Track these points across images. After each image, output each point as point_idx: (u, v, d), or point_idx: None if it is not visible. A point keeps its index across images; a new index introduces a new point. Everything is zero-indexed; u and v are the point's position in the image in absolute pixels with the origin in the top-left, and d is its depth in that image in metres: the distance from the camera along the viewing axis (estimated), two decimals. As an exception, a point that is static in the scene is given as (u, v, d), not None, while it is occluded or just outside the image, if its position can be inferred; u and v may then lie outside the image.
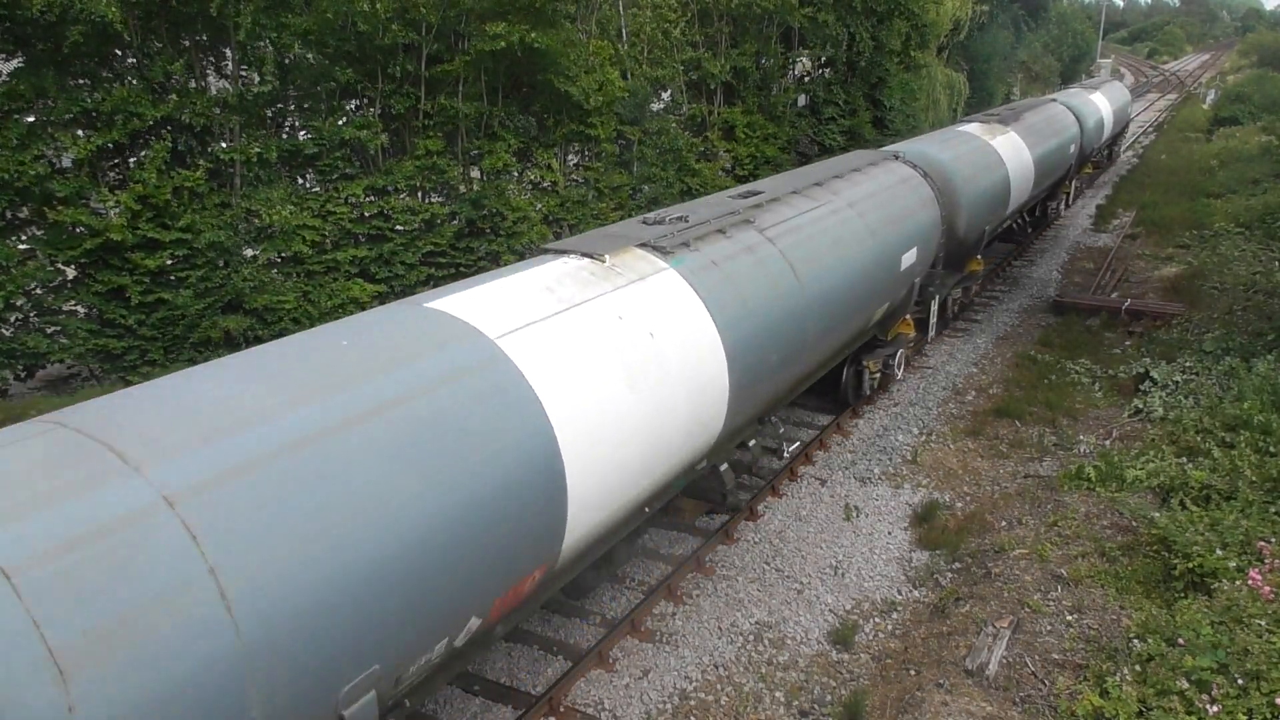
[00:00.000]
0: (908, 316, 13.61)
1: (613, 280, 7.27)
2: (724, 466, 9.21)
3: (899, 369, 14.12)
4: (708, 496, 9.64)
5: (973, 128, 17.63)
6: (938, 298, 15.12)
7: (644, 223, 8.85)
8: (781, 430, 10.40)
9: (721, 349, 7.78)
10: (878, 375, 13.39)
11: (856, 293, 10.58)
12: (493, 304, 6.35)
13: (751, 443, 9.71)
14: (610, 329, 6.78)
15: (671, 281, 7.73)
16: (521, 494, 5.56)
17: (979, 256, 17.14)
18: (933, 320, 15.31)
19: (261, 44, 13.41)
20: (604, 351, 6.58)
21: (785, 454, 10.62)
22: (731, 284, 8.24)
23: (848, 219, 10.81)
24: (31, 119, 11.74)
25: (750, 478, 10.70)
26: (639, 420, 6.74)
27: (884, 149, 15.03)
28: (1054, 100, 25.21)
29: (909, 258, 12.23)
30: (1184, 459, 10.51)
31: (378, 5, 13.35)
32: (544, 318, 6.45)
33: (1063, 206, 27.27)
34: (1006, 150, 17.33)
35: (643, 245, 7.95)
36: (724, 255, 8.50)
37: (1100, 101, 29.57)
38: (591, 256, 7.51)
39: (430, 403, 5.24)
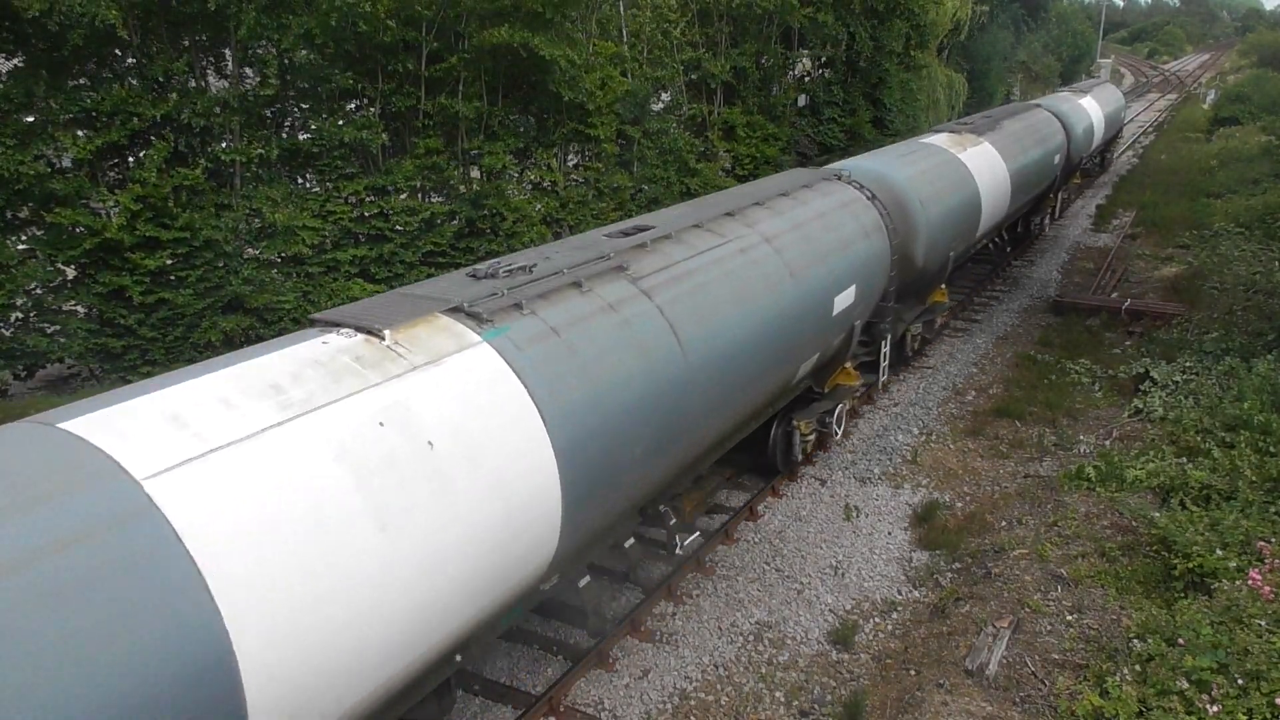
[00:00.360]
0: (848, 365, 11.81)
1: (385, 368, 5.38)
2: (584, 581, 7.58)
3: (839, 426, 11.64)
4: (569, 619, 8.32)
5: (940, 139, 15.88)
6: (890, 336, 13.20)
7: (473, 276, 6.87)
8: (673, 521, 8.51)
9: (549, 449, 5.90)
10: (812, 437, 11.30)
11: (769, 350, 8.75)
12: (166, 418, 4.42)
13: (629, 542, 8.05)
14: (360, 444, 4.86)
15: (482, 362, 5.82)
16: None
17: (944, 286, 15.53)
18: (884, 364, 13.43)
19: (262, 45, 13.41)
20: (342, 482, 4.66)
21: (679, 548, 8.64)
22: (575, 358, 6.38)
23: (761, 258, 8.95)
24: (31, 119, 11.73)
25: (630, 584, 9.07)
26: (399, 576, 4.83)
27: (828, 167, 13.21)
28: (1038, 106, 23.44)
29: (845, 298, 10.36)
30: (1184, 459, 10.51)
31: (378, 5, 13.35)
32: (241, 438, 4.46)
33: (1048, 221, 25.42)
34: (978, 164, 15.73)
35: (452, 311, 6.08)
36: (572, 318, 6.63)
37: (1090, 106, 28.16)
38: (369, 332, 5.64)
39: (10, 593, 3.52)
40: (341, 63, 14.06)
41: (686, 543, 8.65)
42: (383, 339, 5.61)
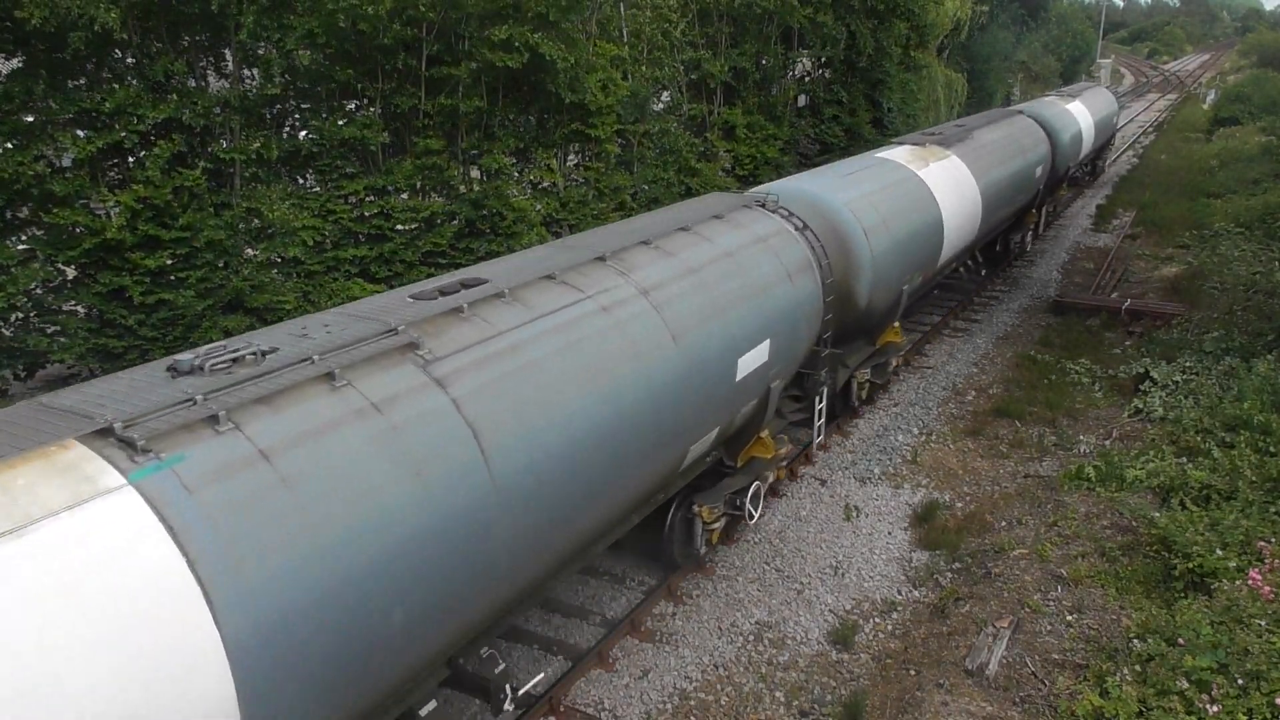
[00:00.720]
0: (764, 435, 9.75)
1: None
2: None
3: (755, 508, 9.51)
4: None
5: (899, 153, 14.06)
6: (827, 388, 11.36)
7: (173, 370, 5.01)
8: (499, 668, 6.50)
9: (218, 648, 4.05)
10: (718, 524, 9.37)
11: (636, 438, 6.85)
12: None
13: (428, 707, 6.07)
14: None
15: (114, 520, 3.93)
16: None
17: (897, 324, 13.39)
18: (819, 422, 11.56)
19: (263, 45, 13.41)
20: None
21: (508, 704, 6.65)
22: (290, 495, 4.52)
23: (630, 319, 7.10)
24: (31, 119, 11.73)
25: None
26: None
27: (755, 189, 11.50)
28: (1019, 113, 21.48)
29: (755, 357, 8.54)
30: (1184, 459, 10.51)
31: (380, 5, 13.34)
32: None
33: (1030, 239, 22.66)
34: (942, 181, 13.84)
35: (95, 435, 4.23)
36: (302, 432, 4.75)
37: (1079, 112, 26.37)
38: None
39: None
40: (342, 62, 14.07)
41: (525, 689, 6.78)
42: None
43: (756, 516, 9.66)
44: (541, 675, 7.46)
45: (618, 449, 6.66)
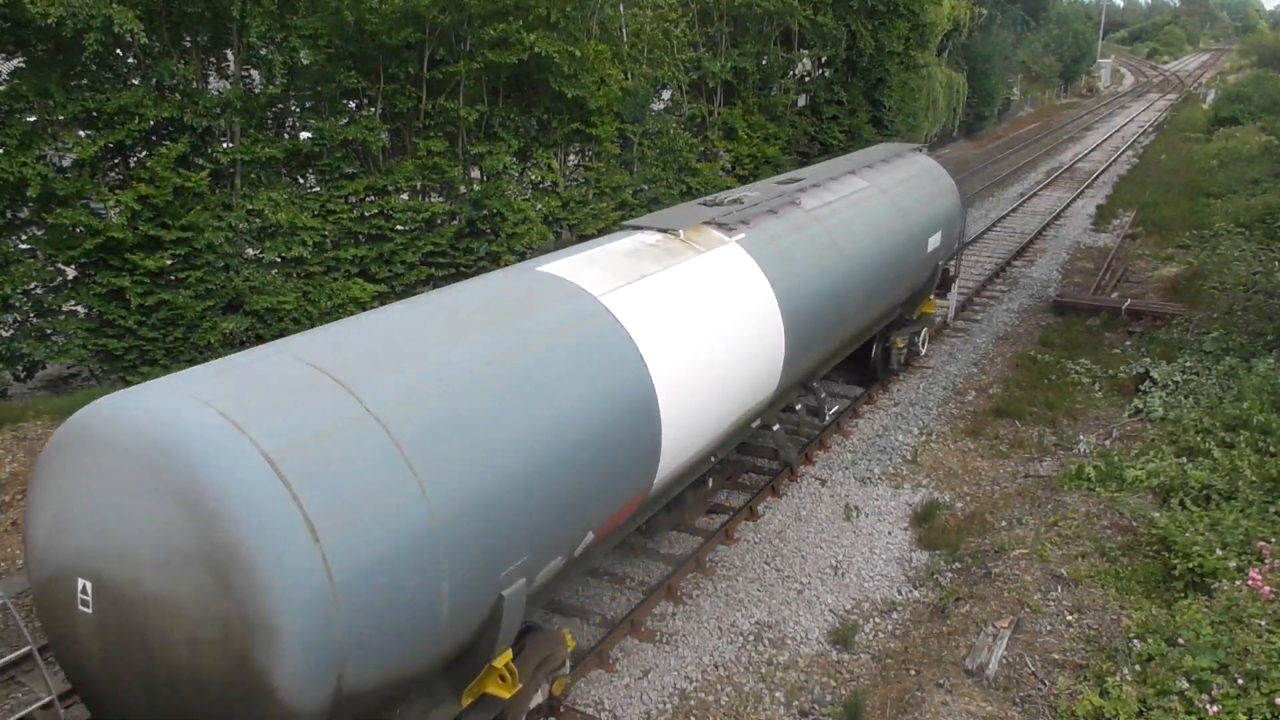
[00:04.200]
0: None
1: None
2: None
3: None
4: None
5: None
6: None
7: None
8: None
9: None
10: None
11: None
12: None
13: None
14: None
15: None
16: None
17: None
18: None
19: (268, 46, 13.41)
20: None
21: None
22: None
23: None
24: (33, 118, 11.74)
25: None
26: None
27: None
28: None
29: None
30: (1184, 459, 10.52)
31: (384, 6, 13.35)
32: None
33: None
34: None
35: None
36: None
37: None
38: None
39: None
40: (344, 63, 14.08)
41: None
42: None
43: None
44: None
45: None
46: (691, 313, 7.84)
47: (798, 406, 10.98)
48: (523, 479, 5.74)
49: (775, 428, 10.47)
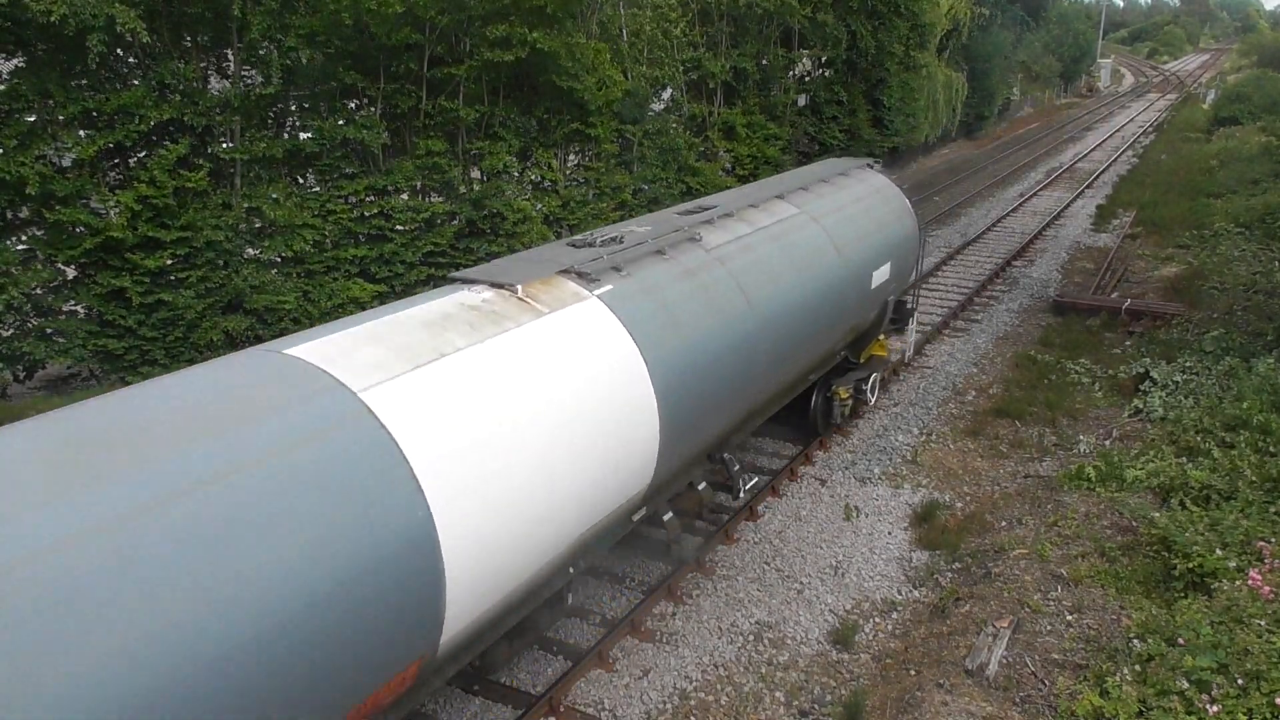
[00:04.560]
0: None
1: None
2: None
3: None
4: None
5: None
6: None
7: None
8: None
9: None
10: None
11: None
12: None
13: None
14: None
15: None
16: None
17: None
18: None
19: (267, 46, 13.41)
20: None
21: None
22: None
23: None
24: (33, 118, 11.73)
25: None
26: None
27: None
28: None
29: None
30: (1184, 459, 10.52)
31: (385, 6, 13.35)
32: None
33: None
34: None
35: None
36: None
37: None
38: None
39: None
40: (344, 62, 14.07)
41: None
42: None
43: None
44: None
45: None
46: (511, 401, 5.88)
47: (700, 486, 8.88)
48: (185, 682, 3.89)
49: (668, 516, 8.45)
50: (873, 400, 12.80)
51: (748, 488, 9.46)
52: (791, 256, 9.66)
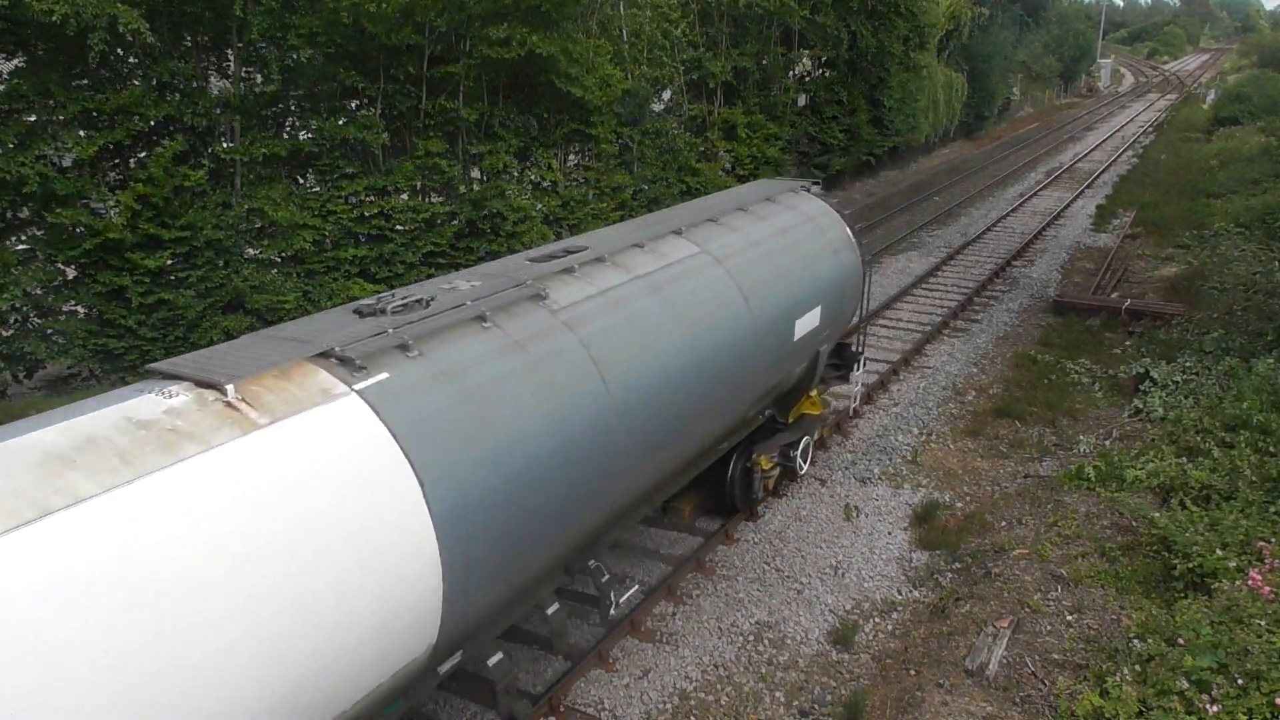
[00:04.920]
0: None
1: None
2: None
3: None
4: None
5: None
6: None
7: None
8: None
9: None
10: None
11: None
12: None
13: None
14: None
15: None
16: None
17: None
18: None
19: (266, 45, 13.42)
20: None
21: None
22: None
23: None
24: (33, 118, 11.74)
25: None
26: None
27: None
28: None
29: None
30: (1184, 459, 10.51)
31: (384, 6, 13.36)
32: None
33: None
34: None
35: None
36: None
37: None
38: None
39: None
40: (344, 62, 14.08)
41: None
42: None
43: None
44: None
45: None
46: (155, 582, 3.84)
47: (550, 609, 6.94)
48: None
49: (495, 660, 6.35)
50: (805, 467, 10.77)
51: (623, 600, 7.54)
52: (678, 311, 7.60)
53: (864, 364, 12.14)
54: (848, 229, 10.80)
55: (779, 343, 9.05)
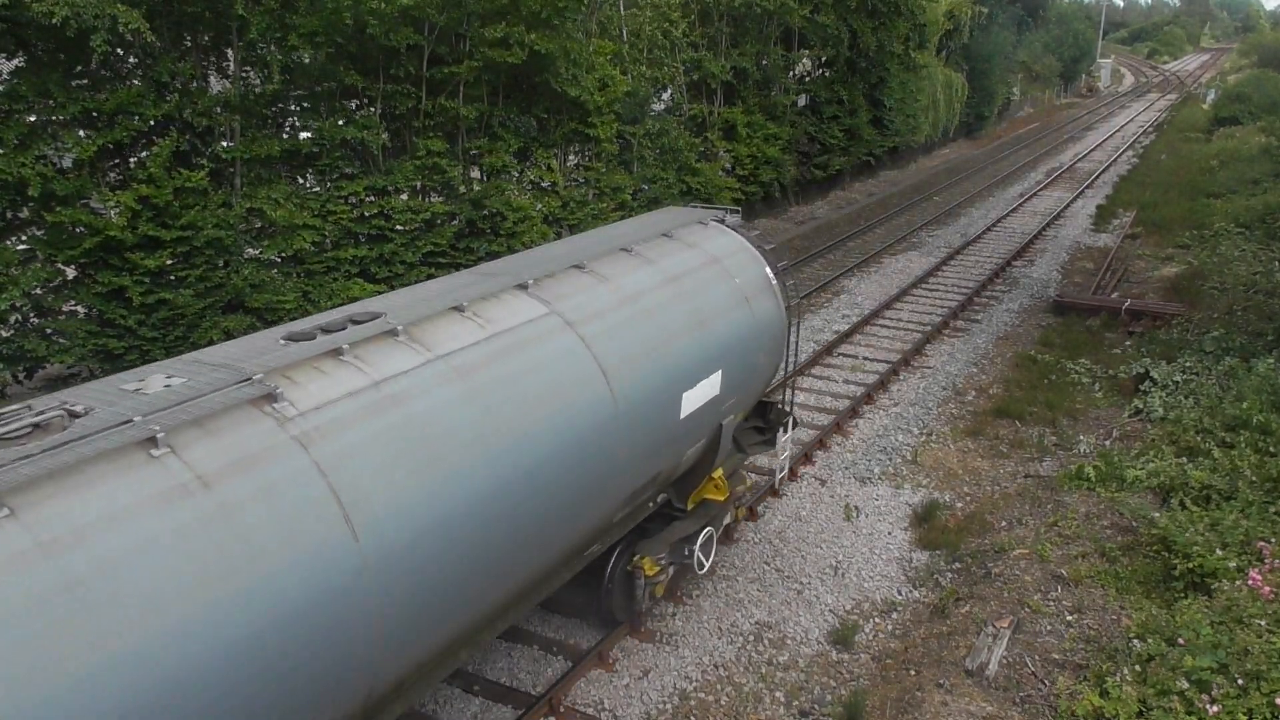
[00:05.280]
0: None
1: None
2: None
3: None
4: None
5: None
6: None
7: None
8: None
9: None
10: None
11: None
12: None
13: None
14: None
15: None
16: None
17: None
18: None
19: (266, 45, 13.42)
20: None
21: None
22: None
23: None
24: (33, 118, 11.73)
25: None
26: None
27: None
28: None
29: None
30: (1184, 459, 10.52)
31: (389, 4, 13.35)
32: None
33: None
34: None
35: None
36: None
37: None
38: None
39: None
40: (344, 63, 14.08)
41: None
42: None
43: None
44: None
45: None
46: None
47: None
48: None
49: None
50: (707, 565, 8.67)
51: None
52: (493, 404, 5.52)
53: (792, 425, 10.03)
54: (768, 269, 8.91)
55: (658, 425, 7.08)
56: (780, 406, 9.83)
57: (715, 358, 7.76)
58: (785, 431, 9.85)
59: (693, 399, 7.48)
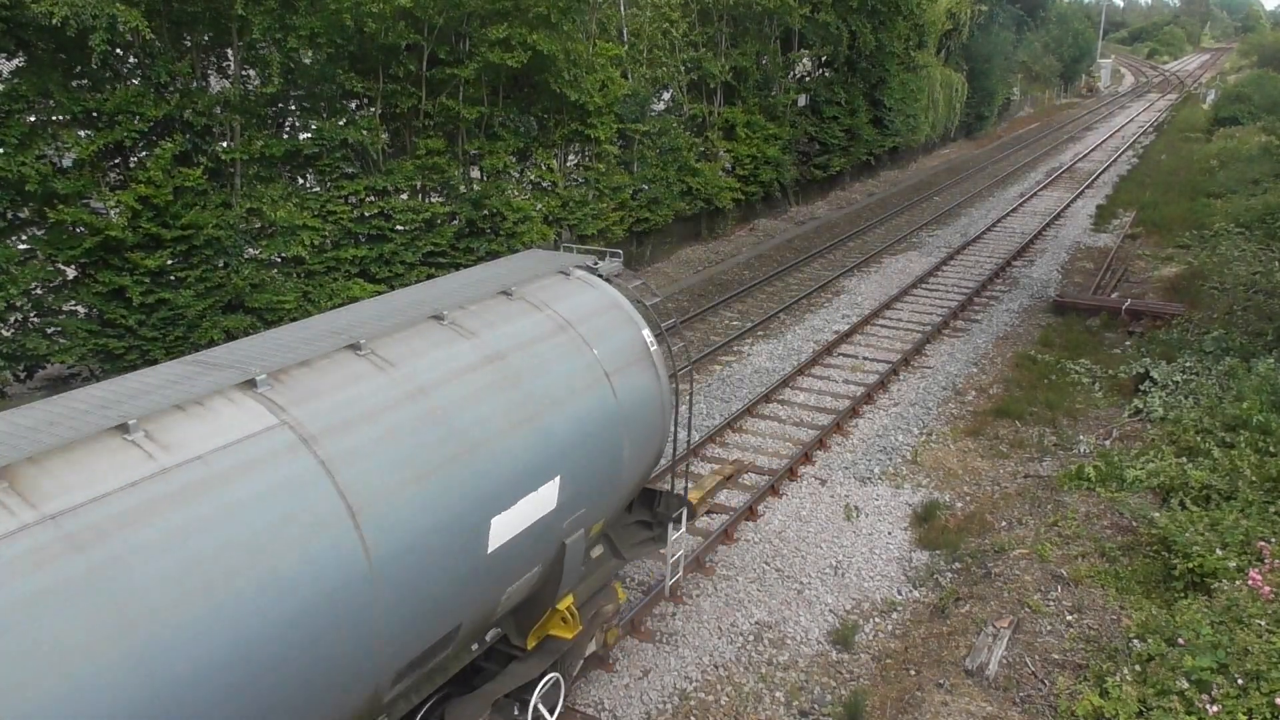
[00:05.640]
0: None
1: None
2: None
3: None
4: None
5: None
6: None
7: None
8: None
9: None
10: None
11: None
12: None
13: None
14: None
15: None
16: None
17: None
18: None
19: (266, 45, 13.41)
20: None
21: None
22: None
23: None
24: (33, 118, 11.73)
25: None
26: None
27: None
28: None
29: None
30: (1184, 459, 10.52)
31: (388, 4, 13.34)
32: None
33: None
34: None
35: None
36: None
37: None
38: None
39: None
40: (344, 63, 14.08)
41: None
42: None
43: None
44: None
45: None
46: None
47: None
48: None
49: None
50: (552, 717, 6.96)
51: None
52: (128, 589, 3.66)
53: (687, 517, 8.08)
54: (645, 332, 7.12)
55: (446, 570, 5.17)
56: (673, 494, 7.97)
57: (551, 461, 5.95)
58: (679, 526, 7.96)
59: (509, 523, 5.63)
